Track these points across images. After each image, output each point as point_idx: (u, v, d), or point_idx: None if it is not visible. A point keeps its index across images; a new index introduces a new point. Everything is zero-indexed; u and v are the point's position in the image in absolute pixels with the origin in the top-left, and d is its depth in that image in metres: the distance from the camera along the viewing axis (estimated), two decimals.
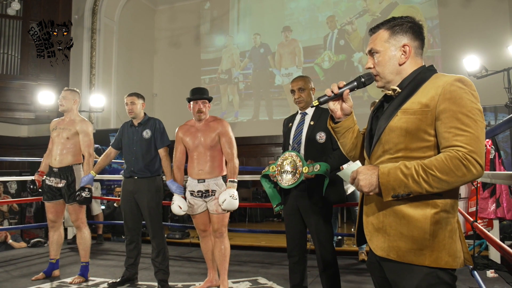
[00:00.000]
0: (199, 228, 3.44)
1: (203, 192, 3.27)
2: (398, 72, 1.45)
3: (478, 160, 1.24)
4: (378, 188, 1.31)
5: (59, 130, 3.76)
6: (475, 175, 1.25)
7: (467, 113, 1.28)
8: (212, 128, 3.28)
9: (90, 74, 8.74)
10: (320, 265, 2.65)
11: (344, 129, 1.60)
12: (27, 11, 8.49)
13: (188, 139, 3.32)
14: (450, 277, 1.33)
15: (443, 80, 1.35)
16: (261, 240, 5.71)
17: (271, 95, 9.40)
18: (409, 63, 1.45)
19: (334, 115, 1.57)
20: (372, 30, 1.51)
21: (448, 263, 1.31)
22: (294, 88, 2.80)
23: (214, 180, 3.26)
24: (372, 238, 1.42)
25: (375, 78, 1.50)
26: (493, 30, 7.43)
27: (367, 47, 1.51)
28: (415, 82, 1.41)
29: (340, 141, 1.65)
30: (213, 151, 3.27)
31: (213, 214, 3.27)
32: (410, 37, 1.44)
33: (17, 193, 6.64)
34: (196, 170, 3.27)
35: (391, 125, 1.39)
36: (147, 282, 3.68)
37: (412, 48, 1.44)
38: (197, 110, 3.27)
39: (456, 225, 1.37)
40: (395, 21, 1.46)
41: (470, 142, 1.25)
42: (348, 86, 1.51)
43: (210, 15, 10.12)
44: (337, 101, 1.55)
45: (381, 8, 8.56)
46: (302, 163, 2.55)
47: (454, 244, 1.34)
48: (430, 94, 1.34)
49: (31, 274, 3.92)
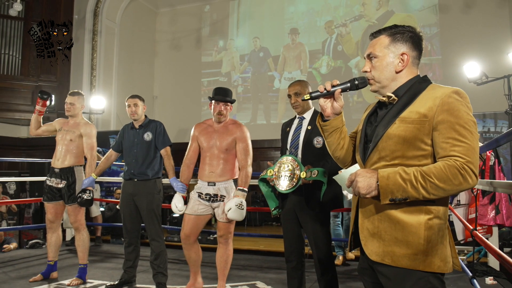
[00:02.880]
0: (184, 232, 3.19)
1: (211, 196, 3.15)
2: (393, 79, 1.48)
3: (474, 170, 1.30)
4: (376, 191, 1.34)
5: (64, 132, 3.78)
6: (470, 185, 1.30)
7: (464, 125, 1.33)
8: (230, 131, 3.18)
9: (90, 75, 8.76)
10: (318, 270, 2.64)
11: (332, 128, 1.61)
12: (28, 12, 8.51)
13: (203, 139, 3.22)
14: (440, 282, 1.38)
15: (440, 92, 1.39)
16: (260, 244, 5.71)
17: (269, 99, 9.42)
18: (405, 71, 1.48)
19: (324, 112, 1.59)
20: (373, 35, 1.53)
21: (440, 267, 1.36)
22: (291, 93, 2.79)
23: (224, 184, 3.15)
24: (367, 243, 1.45)
25: (370, 81, 1.52)
26: (494, 37, 7.45)
27: (366, 50, 1.54)
28: (412, 92, 1.44)
29: (327, 140, 1.66)
30: (228, 154, 3.17)
31: (220, 221, 3.17)
32: (410, 47, 1.47)
33: (16, 194, 6.61)
34: (207, 172, 3.16)
35: (389, 133, 1.42)
36: (146, 284, 3.67)
37: (410, 57, 1.47)
38: (218, 111, 3.16)
39: (447, 231, 1.42)
40: (397, 29, 1.49)
41: (467, 152, 1.30)
42: (341, 86, 1.53)
43: (210, 18, 10.16)
44: (329, 99, 1.56)
45: (377, 15, 8.60)
46: (299, 168, 2.54)
47: (445, 249, 1.39)
48: (427, 104, 1.38)
49: (29, 275, 3.90)
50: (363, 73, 1.55)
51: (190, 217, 3.19)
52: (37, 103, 3.83)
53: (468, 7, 7.91)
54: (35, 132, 3.90)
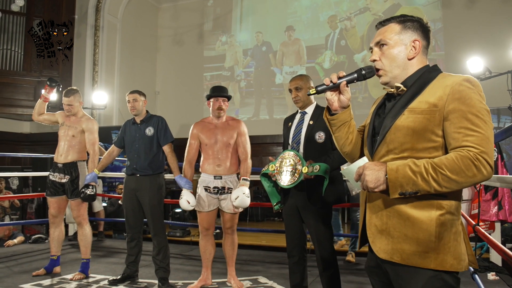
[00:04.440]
0: (203, 226, 3.44)
1: (219, 189, 3.33)
2: (405, 67, 1.42)
3: (489, 161, 1.22)
4: (385, 184, 1.27)
5: (66, 128, 3.80)
6: (485, 176, 1.23)
7: (477, 113, 1.26)
8: (232, 126, 3.41)
9: (93, 71, 8.75)
10: (320, 265, 2.65)
11: (339, 122, 1.54)
12: (31, 8, 8.48)
13: (205, 136, 3.38)
14: (455, 280, 1.32)
15: (451, 80, 1.33)
16: (262, 240, 5.71)
17: (272, 93, 9.39)
18: (417, 59, 1.42)
19: (331, 106, 1.52)
20: (382, 23, 1.47)
21: (453, 266, 1.29)
22: (291, 88, 2.79)
23: (230, 177, 3.37)
24: (375, 240, 1.39)
25: (379, 72, 1.45)
26: (497, 32, 7.40)
27: (374, 39, 1.47)
28: (421, 81, 1.39)
29: (335, 135, 1.59)
30: (231, 148, 3.38)
31: (228, 212, 3.36)
32: (420, 35, 1.43)
33: (18, 189, 6.64)
34: (213, 167, 3.34)
35: (397, 124, 1.36)
36: (148, 279, 3.69)
37: (422, 46, 1.43)
38: (217, 107, 3.36)
39: (461, 227, 1.35)
40: (406, 17, 1.45)
41: (481, 142, 1.23)
42: (348, 77, 1.45)
43: (214, 13, 10.11)
44: (335, 92, 1.49)
45: (384, 8, 8.53)
46: (301, 163, 2.54)
47: (459, 247, 1.32)
48: (438, 93, 1.32)
49: (32, 270, 3.93)
50: (372, 62, 1.47)
51: (205, 214, 3.41)
52: (45, 88, 3.87)
53: (472, 2, 7.85)
54: (37, 118, 3.93)
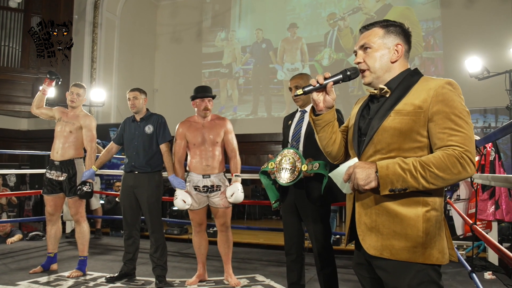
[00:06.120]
0: (196, 222, 3.51)
1: (209, 187, 3.38)
2: (388, 69, 1.49)
3: (472, 159, 1.31)
4: (376, 181, 1.34)
5: (63, 124, 3.77)
6: (469, 173, 1.32)
7: (459, 115, 1.35)
8: (218, 125, 3.45)
9: (91, 68, 8.73)
10: (318, 263, 2.65)
11: (324, 122, 1.61)
12: (29, 4, 8.44)
13: (192, 136, 3.41)
14: (437, 274, 1.40)
15: (434, 83, 1.41)
16: (260, 238, 5.72)
17: (270, 91, 9.38)
18: (399, 62, 1.51)
19: (316, 107, 1.59)
20: (365, 27, 1.54)
21: (438, 259, 1.38)
22: (292, 86, 2.80)
23: (218, 176, 3.41)
24: (365, 237, 1.45)
25: (363, 73, 1.53)
26: (496, 32, 7.42)
27: (359, 42, 1.54)
28: (405, 84, 1.46)
29: (319, 135, 1.66)
30: (218, 147, 3.43)
31: (219, 208, 3.41)
32: (403, 39, 1.51)
33: (16, 186, 6.63)
34: (202, 166, 3.38)
35: (384, 126, 1.42)
36: (145, 277, 3.69)
37: (404, 49, 1.50)
38: (204, 107, 3.40)
39: (443, 222, 1.43)
40: (389, 22, 1.52)
41: (465, 142, 1.32)
42: (333, 78, 1.53)
43: (212, 10, 10.08)
44: (321, 92, 1.56)
45: (376, 8, 8.54)
46: (300, 161, 2.54)
47: (443, 241, 1.41)
48: (422, 96, 1.40)
49: (29, 267, 3.92)
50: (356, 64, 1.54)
51: (197, 211, 3.46)
52: (44, 82, 3.87)
53: (471, 1, 7.86)
54: (35, 111, 3.92)
